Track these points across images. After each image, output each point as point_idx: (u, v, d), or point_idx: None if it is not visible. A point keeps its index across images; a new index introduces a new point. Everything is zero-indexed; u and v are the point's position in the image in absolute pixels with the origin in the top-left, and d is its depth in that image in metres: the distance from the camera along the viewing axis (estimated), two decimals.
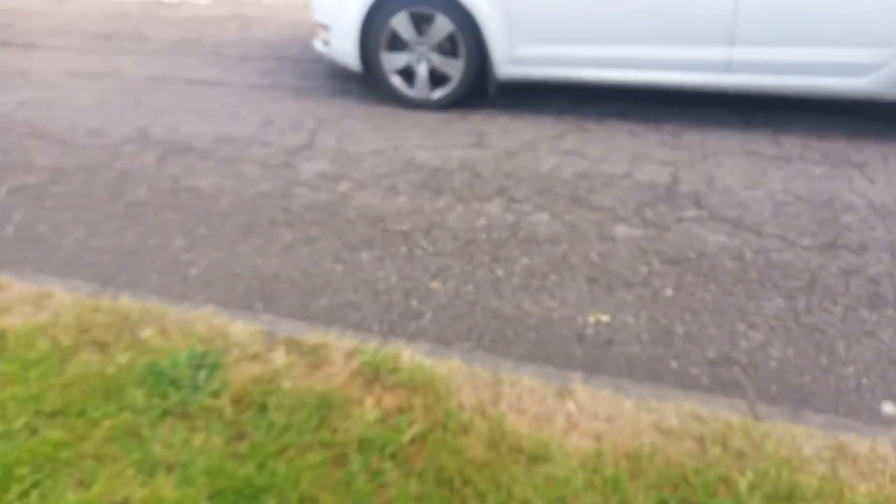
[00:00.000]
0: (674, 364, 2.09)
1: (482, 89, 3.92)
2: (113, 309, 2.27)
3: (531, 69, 3.76)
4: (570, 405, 1.80)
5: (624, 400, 1.81)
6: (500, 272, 2.57)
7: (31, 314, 2.26)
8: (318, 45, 4.35)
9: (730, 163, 3.25)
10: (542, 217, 2.89)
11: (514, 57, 3.71)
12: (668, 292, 2.41)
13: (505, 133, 3.68)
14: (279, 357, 2.02)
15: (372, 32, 3.89)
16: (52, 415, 1.85)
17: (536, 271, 2.56)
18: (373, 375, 1.92)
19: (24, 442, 1.77)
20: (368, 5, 3.81)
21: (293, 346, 2.07)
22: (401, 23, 3.80)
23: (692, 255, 2.60)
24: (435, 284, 2.52)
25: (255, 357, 2.02)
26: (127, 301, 2.30)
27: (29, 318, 2.23)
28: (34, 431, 1.80)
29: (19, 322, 2.20)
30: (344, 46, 4.03)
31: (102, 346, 2.10)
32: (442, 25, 3.73)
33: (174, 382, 1.93)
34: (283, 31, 5.77)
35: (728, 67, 3.41)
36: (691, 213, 2.87)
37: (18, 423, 1.82)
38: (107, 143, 3.79)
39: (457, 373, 1.92)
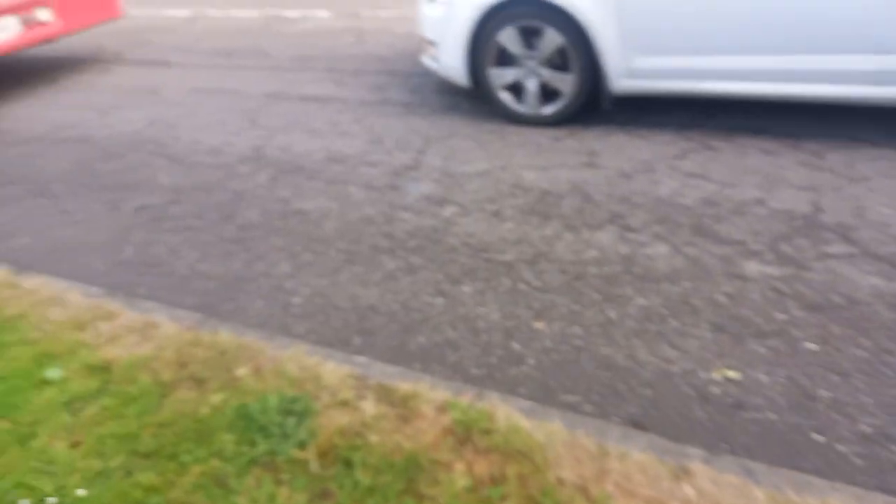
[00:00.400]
0: (817, 438, 1.79)
1: (595, 104, 3.68)
2: (212, 343, 2.26)
3: (648, 82, 3.48)
4: (689, 490, 1.57)
5: (754, 489, 1.55)
6: (611, 313, 2.35)
7: (136, 345, 2.29)
8: (426, 60, 4.27)
9: (884, 188, 2.83)
10: (661, 249, 2.64)
11: (629, 70, 3.45)
12: (811, 346, 2.09)
13: (619, 152, 3.42)
14: (369, 406, 1.91)
15: (479, 48, 3.75)
16: (147, 455, 1.85)
17: (653, 314, 2.32)
18: (465, 435, 1.78)
19: (119, 483, 1.77)
20: (475, 21, 3.68)
21: (384, 393, 1.96)
22: (508, 38, 3.64)
23: (839, 300, 2.26)
24: (539, 325, 2.34)
25: (344, 404, 1.93)
26: (225, 335, 2.29)
27: (134, 350, 2.26)
28: (129, 473, 1.80)
29: (125, 354, 2.24)
30: (451, 62, 3.92)
31: (199, 383, 2.09)
32: (552, 39, 3.54)
33: (263, 429, 1.87)
34: (397, 43, 5.76)
35: (880, 79, 2.98)
36: (837, 248, 2.51)
37: (115, 463, 1.83)
38: (223, 163, 3.88)
39: (557, 439, 1.73)
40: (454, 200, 3.18)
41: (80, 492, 1.72)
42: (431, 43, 4.10)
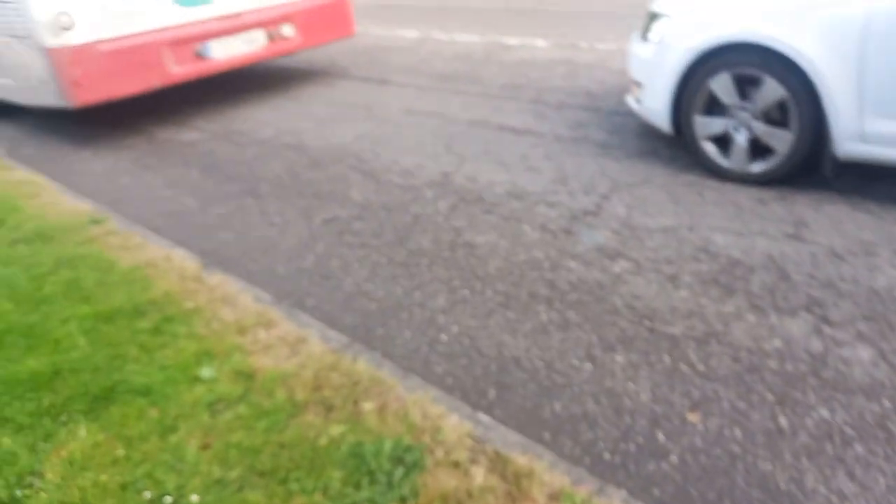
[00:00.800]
0: None
1: (814, 166, 3.22)
2: (349, 370, 2.28)
3: (885, 150, 2.97)
4: None
5: None
6: (783, 421, 2.00)
7: (284, 358, 2.38)
8: (630, 101, 4.05)
9: None
10: (863, 354, 2.21)
11: (862, 133, 2.97)
12: None
13: (834, 226, 2.95)
14: (479, 474, 1.80)
15: (687, 93, 3.47)
16: (261, 474, 1.89)
17: (836, 432, 1.93)
18: None
19: (229, 496, 1.83)
20: (687, 64, 3.40)
21: (499, 463, 1.83)
22: (722, 85, 3.32)
23: None
24: (693, 417, 2.06)
25: (455, 466, 1.84)
26: (363, 365, 2.30)
27: (280, 362, 2.35)
28: (241, 488, 1.86)
29: (271, 365, 2.34)
30: (655, 105, 3.67)
31: (327, 409, 2.11)
32: (771, 90, 3.16)
33: (371, 473, 1.84)
34: (607, 79, 5.57)
35: None
36: None
37: (233, 474, 1.90)
38: (411, 185, 3.98)
39: None
40: (628, 256, 2.95)
41: (194, 497, 1.81)
42: (637, 83, 3.89)
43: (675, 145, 3.92)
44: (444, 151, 4.45)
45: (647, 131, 4.24)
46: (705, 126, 3.48)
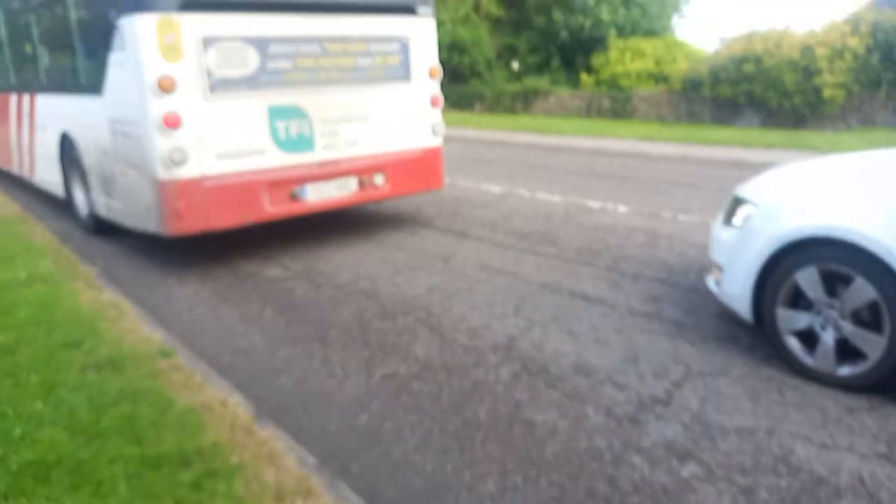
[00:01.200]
0: None
1: None
2: None
3: None
4: None
5: None
6: None
7: None
8: (709, 282, 3.93)
9: None
10: None
11: None
12: None
13: None
14: None
15: (771, 282, 3.33)
16: None
17: None
18: None
19: None
20: (771, 253, 3.29)
21: None
22: (808, 279, 3.17)
23: None
24: None
25: None
26: None
27: None
28: None
29: None
30: (735, 292, 3.54)
31: None
32: (861, 290, 2.99)
33: None
34: (687, 253, 5.48)
35: None
36: None
37: None
38: (476, 347, 3.91)
39: None
40: (699, 458, 2.72)
41: None
42: (718, 266, 3.78)
43: (756, 332, 3.72)
44: (513, 313, 4.40)
45: (726, 314, 4.06)
46: (789, 320, 3.30)
